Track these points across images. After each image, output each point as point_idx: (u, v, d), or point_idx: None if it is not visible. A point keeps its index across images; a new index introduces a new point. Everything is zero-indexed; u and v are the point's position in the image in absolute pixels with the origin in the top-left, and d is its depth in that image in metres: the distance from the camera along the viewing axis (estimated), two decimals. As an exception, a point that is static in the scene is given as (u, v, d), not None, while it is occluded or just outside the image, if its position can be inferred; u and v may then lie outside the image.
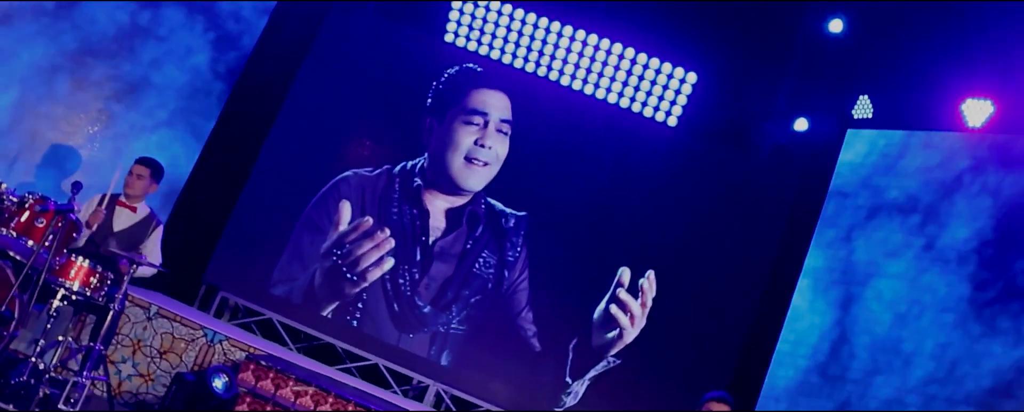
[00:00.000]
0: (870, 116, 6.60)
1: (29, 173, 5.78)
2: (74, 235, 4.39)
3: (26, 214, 4.23)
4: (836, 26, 7.12)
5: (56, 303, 4.48)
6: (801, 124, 7.22)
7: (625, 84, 7.30)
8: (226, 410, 4.82)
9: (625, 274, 6.60)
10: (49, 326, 4.57)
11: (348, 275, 6.69)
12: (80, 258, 4.53)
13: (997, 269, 5.81)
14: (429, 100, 7.12)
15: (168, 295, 6.67)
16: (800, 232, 6.86)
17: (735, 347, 6.87)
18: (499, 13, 7.24)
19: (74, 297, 4.55)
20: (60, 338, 4.65)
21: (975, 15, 5.84)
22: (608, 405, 6.72)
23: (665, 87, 7.28)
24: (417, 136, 7.09)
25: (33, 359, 4.43)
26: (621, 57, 7.27)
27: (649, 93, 7.30)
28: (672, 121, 7.31)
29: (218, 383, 4.75)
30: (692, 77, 7.24)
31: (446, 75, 7.15)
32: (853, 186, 6.85)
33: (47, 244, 4.15)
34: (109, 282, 4.65)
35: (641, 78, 7.29)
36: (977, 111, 6.00)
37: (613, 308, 6.58)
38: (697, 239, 7.01)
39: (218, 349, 6.04)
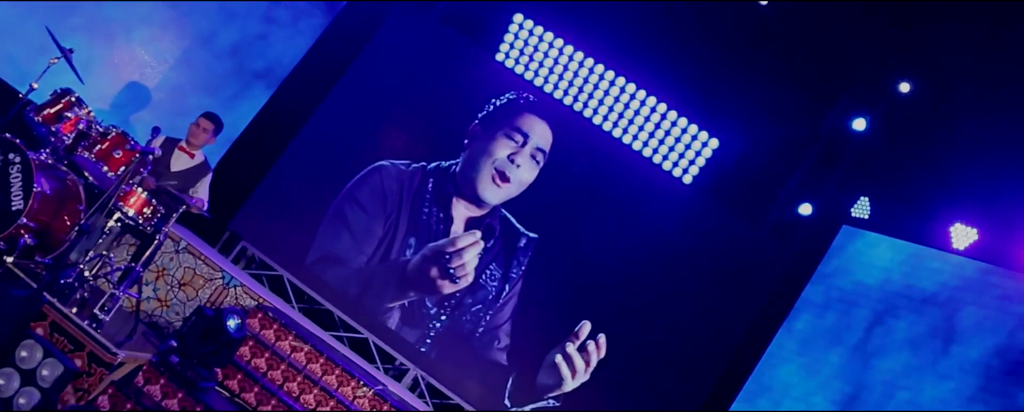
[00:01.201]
0: (866, 217, 7.25)
1: (105, 101, 6.57)
2: (142, 170, 5.14)
3: (107, 144, 4.99)
4: (859, 125, 7.79)
5: (111, 223, 5.23)
6: (805, 209, 7.86)
7: (651, 135, 8.00)
8: (232, 348, 5.55)
9: (584, 328, 7.24)
10: (100, 241, 5.33)
11: (453, 274, 7.37)
12: (139, 189, 5.29)
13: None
14: (485, 110, 7.82)
15: (194, 232, 7.43)
16: (779, 306, 7.51)
17: (702, 388, 7.53)
18: (550, 45, 7.97)
19: (127, 222, 5.31)
20: (104, 253, 5.41)
21: (976, 146, 6.51)
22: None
23: (688, 146, 7.98)
24: (452, 138, 7.82)
25: (81, 266, 5.20)
26: (653, 110, 7.98)
27: (672, 149, 8.00)
28: (687, 178, 8.00)
29: (232, 323, 5.47)
30: (714, 142, 7.94)
31: (508, 96, 7.83)
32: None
33: (119, 173, 4.92)
34: (160, 215, 5.40)
35: (667, 133, 7.99)
36: (963, 236, 6.66)
37: (558, 358, 7.22)
38: (684, 292, 7.69)
39: (232, 293, 6.80)
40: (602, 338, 7.20)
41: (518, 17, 7.95)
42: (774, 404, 7.50)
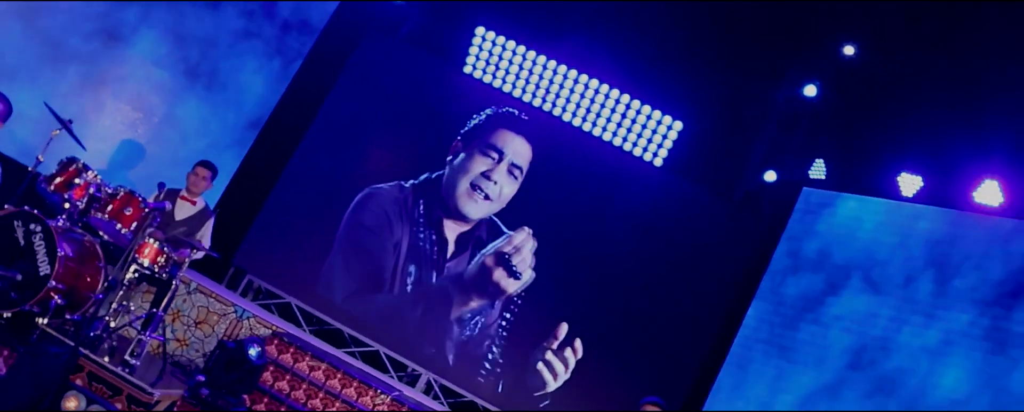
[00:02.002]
0: (823, 178, 7.81)
1: (103, 161, 7.03)
2: (152, 223, 5.61)
3: (116, 203, 5.46)
4: (810, 91, 8.32)
5: (129, 275, 5.70)
6: (770, 176, 8.41)
7: (619, 125, 8.53)
8: (256, 374, 6.05)
9: (562, 329, 7.78)
10: (121, 293, 5.80)
11: (516, 271, 7.84)
12: (151, 240, 5.76)
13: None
14: (466, 126, 8.32)
15: (201, 272, 7.90)
16: (756, 269, 8.07)
17: (693, 360, 8.09)
18: (513, 52, 8.48)
19: (143, 271, 5.78)
20: (124, 303, 5.89)
21: (917, 97, 7.08)
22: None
23: (654, 131, 8.51)
24: (433, 153, 8.32)
25: (107, 318, 5.67)
26: (617, 101, 8.50)
27: (640, 135, 8.53)
28: (658, 161, 8.53)
29: (253, 351, 5.97)
30: (678, 125, 8.47)
31: (487, 112, 8.34)
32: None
33: (132, 229, 5.40)
34: (173, 261, 5.88)
35: (633, 121, 8.51)
36: (910, 184, 7.24)
37: (540, 365, 7.79)
38: (668, 267, 8.24)
39: (246, 324, 7.28)
40: (577, 342, 7.72)
41: (480, 30, 8.45)
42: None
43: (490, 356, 8.21)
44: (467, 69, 8.53)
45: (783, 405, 7.44)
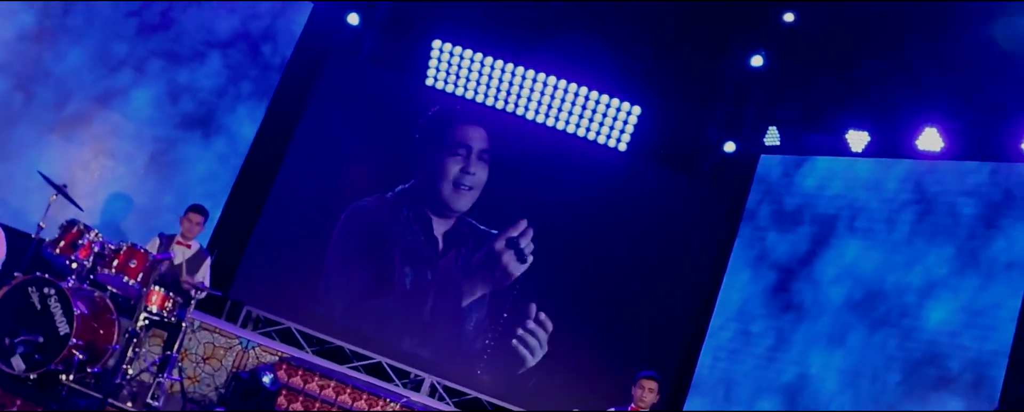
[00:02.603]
0: (778, 144, 8.36)
1: (94, 217, 7.37)
2: (157, 272, 5.99)
3: (121, 258, 5.83)
4: (757, 61, 8.84)
5: (140, 323, 6.08)
6: (730, 146, 8.94)
7: (580, 117, 9.01)
8: (272, 400, 6.47)
9: (531, 308, 8.54)
10: (134, 340, 6.18)
11: (524, 253, 8.62)
12: (157, 287, 6.13)
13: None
14: (417, 135, 8.83)
15: (201, 310, 8.25)
16: (727, 235, 8.60)
17: (678, 328, 8.64)
18: (471, 60, 8.92)
19: (153, 318, 6.16)
20: (137, 349, 6.26)
21: (856, 57, 7.64)
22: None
23: (615, 118, 9.00)
24: (407, 163, 8.80)
25: (124, 366, 6.05)
26: (576, 94, 8.98)
27: (602, 124, 9.02)
28: (622, 147, 9.03)
29: (266, 379, 6.39)
30: (636, 109, 8.97)
31: (430, 112, 8.88)
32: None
33: (139, 280, 5.78)
34: (179, 304, 6.26)
35: (594, 111, 9.00)
36: (857, 140, 7.81)
37: (514, 343, 8.55)
38: (643, 246, 8.76)
39: (252, 354, 7.68)
40: (542, 315, 8.52)
41: (437, 43, 8.87)
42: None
43: (487, 351, 8.71)
44: (429, 81, 8.95)
45: (793, 361, 7.82)
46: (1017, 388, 6.26)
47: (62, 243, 5.74)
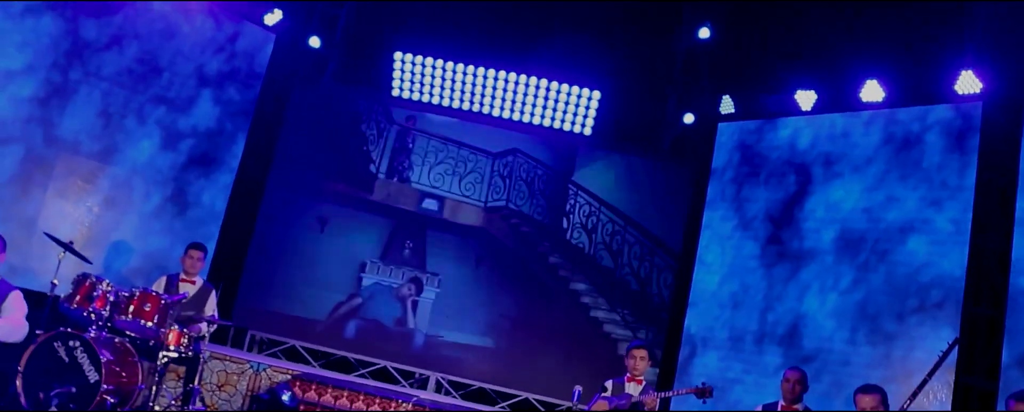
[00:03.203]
0: (733, 111, 8.92)
1: (97, 267, 7.75)
2: (172, 312, 6.42)
3: (135, 303, 6.25)
4: (704, 33, 9.37)
5: (161, 361, 6.50)
6: (689, 118, 9.48)
7: (544, 107, 9.52)
8: (293, 417, 6.97)
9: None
10: (157, 378, 6.61)
11: None
12: (170, 324, 6.55)
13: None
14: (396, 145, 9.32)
15: (208, 340, 8.67)
16: (698, 201, 9.16)
17: (661, 302, 9.25)
18: (433, 67, 9.38)
19: (171, 355, 6.58)
20: (157, 386, 6.69)
21: (797, 19, 8.19)
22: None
23: (577, 105, 9.52)
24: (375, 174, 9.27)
25: (151, 404, 6.48)
26: (537, 87, 9.49)
27: (565, 111, 9.54)
28: (587, 131, 9.56)
29: (285, 397, 6.86)
30: (597, 94, 9.49)
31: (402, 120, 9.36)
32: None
33: (156, 322, 6.21)
34: (193, 338, 6.69)
35: (556, 101, 9.51)
36: (806, 99, 8.38)
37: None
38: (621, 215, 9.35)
39: (264, 376, 8.12)
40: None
41: (398, 55, 9.32)
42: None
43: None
44: (395, 92, 9.40)
45: (790, 307, 8.12)
46: (975, 310, 6.81)
47: (78, 297, 6.13)
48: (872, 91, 8.03)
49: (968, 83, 7.36)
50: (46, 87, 7.56)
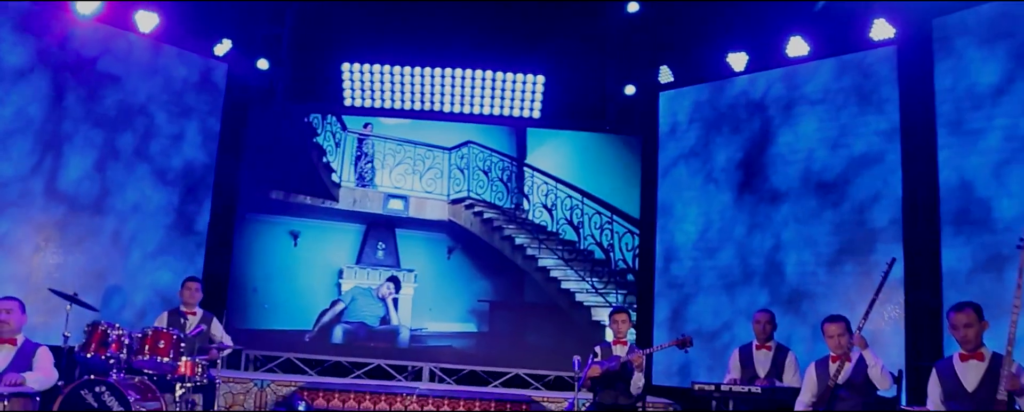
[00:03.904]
0: (672, 80, 9.60)
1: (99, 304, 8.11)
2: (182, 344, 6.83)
3: (148, 342, 6.64)
4: (633, 7, 9.98)
5: (180, 392, 6.91)
6: (630, 89, 10.12)
7: (492, 97, 10.06)
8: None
9: None
10: (188, 408, 7.03)
11: None
12: (184, 357, 6.95)
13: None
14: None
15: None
16: (651, 166, 9.85)
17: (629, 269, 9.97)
18: (381, 74, 9.82)
19: (187, 385, 6.99)
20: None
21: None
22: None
23: (523, 91, 10.08)
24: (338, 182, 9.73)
25: (176, 433, 6.90)
26: (483, 79, 10.01)
27: (512, 99, 10.09)
28: (536, 114, 10.14)
29: (301, 406, 7.36)
30: (541, 78, 10.06)
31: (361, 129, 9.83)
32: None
33: (171, 357, 6.62)
34: (205, 367, 7.11)
35: (502, 89, 10.05)
36: (737, 60, 9.06)
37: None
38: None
39: (268, 391, 8.58)
40: None
41: (345, 66, 9.73)
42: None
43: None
44: (348, 102, 9.82)
45: (773, 246, 8.67)
46: (913, 230, 7.70)
47: (92, 345, 6.48)
48: (797, 46, 8.75)
49: (881, 30, 8.15)
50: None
